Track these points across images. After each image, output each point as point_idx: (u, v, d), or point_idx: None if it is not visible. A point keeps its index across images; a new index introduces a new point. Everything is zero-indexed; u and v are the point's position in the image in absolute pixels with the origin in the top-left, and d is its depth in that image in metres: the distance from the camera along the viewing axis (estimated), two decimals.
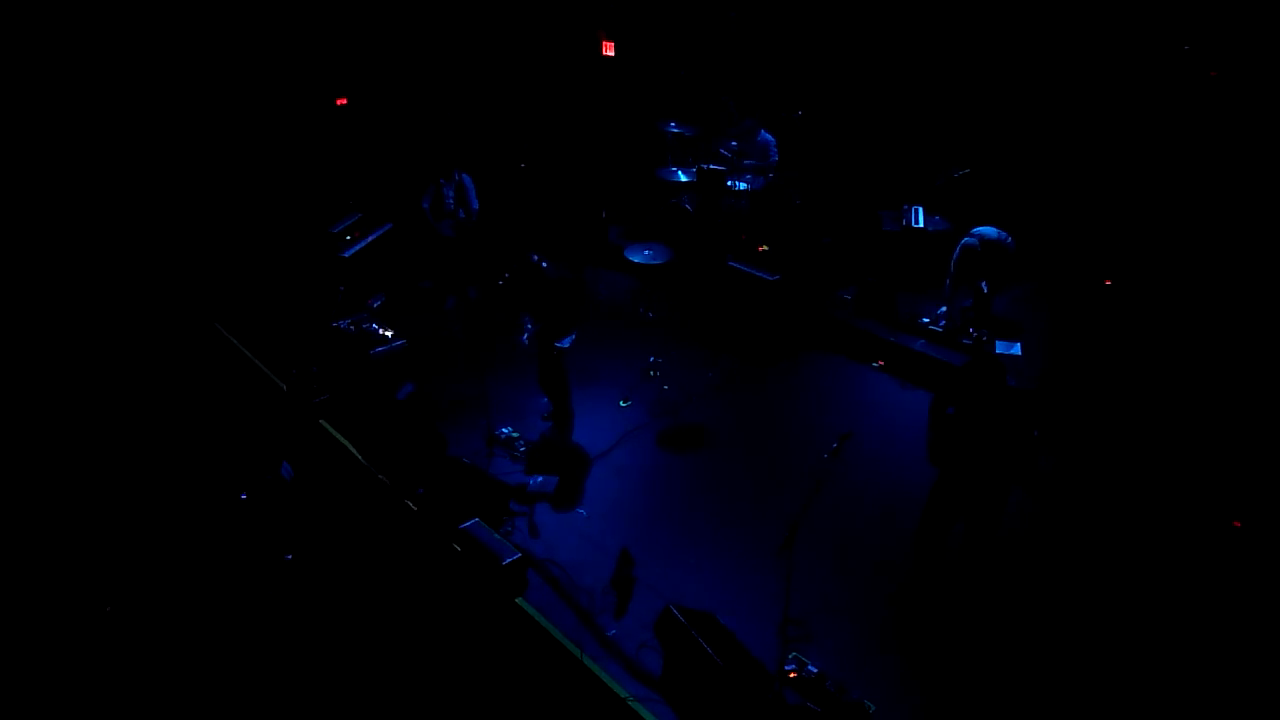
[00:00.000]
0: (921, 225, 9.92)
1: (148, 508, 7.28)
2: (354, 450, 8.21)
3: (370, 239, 10.63)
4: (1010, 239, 8.63)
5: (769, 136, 11.23)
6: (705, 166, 10.69)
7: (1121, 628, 6.30)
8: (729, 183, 10.96)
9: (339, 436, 8.38)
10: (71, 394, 8.80)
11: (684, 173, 11.58)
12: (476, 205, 10.34)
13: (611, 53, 13.41)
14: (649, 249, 9.27)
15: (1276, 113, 9.00)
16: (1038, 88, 10.20)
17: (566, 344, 8.03)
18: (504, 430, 8.43)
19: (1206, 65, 9.45)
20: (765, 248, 10.78)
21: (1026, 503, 7.46)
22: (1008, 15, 10.39)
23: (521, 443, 8.34)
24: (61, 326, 9.91)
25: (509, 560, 6.72)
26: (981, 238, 8.69)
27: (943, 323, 9.35)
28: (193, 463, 7.78)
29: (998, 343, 9.18)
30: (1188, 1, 9.39)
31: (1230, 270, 9.10)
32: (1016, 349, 9.12)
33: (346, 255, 10.51)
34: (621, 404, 8.91)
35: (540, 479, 7.94)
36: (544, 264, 7.92)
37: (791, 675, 5.93)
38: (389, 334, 10.02)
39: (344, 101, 12.52)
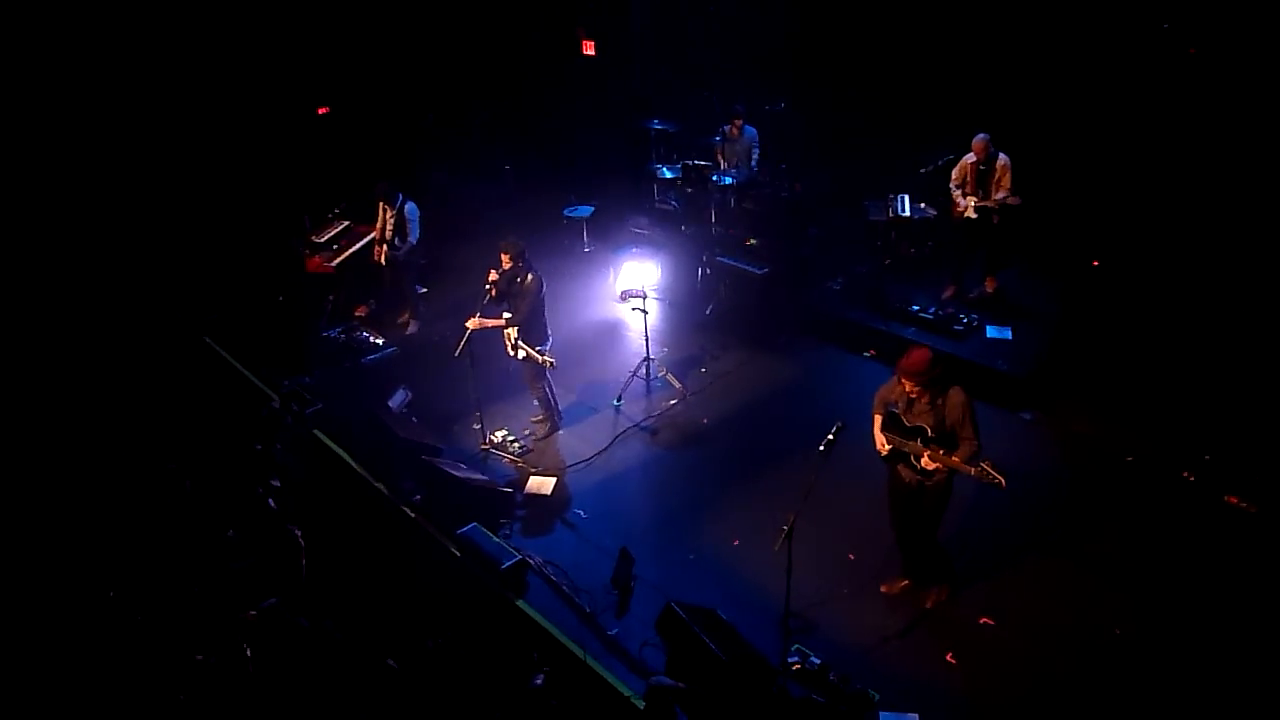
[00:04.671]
0: (907, 214, 9.95)
1: (140, 524, 7.24)
2: (349, 459, 8.19)
3: (358, 247, 10.61)
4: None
5: (752, 130, 11.24)
6: (690, 162, 10.69)
7: (1119, 609, 6.32)
8: (714, 178, 10.97)
9: (333, 446, 8.35)
10: (62, 410, 8.75)
11: (669, 169, 11.58)
12: (414, 238, 9.96)
13: (592, 51, 13.39)
14: (636, 247, 9.29)
15: (1256, 89, 9.03)
16: (1019, 71, 10.21)
17: (546, 347, 8.02)
18: (499, 433, 8.42)
19: (1185, 43, 9.47)
20: (753, 241, 10.79)
21: (1021, 487, 7.48)
22: (986, 1, 10.41)
23: (517, 445, 8.33)
24: (50, 342, 9.85)
25: (508, 564, 6.71)
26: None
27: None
28: (184, 476, 7.74)
29: (988, 327, 9.22)
30: None
31: (1217, 248, 9.12)
32: (1007, 333, 9.15)
33: (334, 264, 10.49)
34: (615, 403, 8.90)
35: (536, 480, 7.93)
36: (533, 270, 7.90)
37: (795, 667, 5.93)
38: (380, 341, 10.03)
39: (325, 110, 12.48)
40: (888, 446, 6.03)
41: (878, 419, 6.10)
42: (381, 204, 9.97)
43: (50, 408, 8.79)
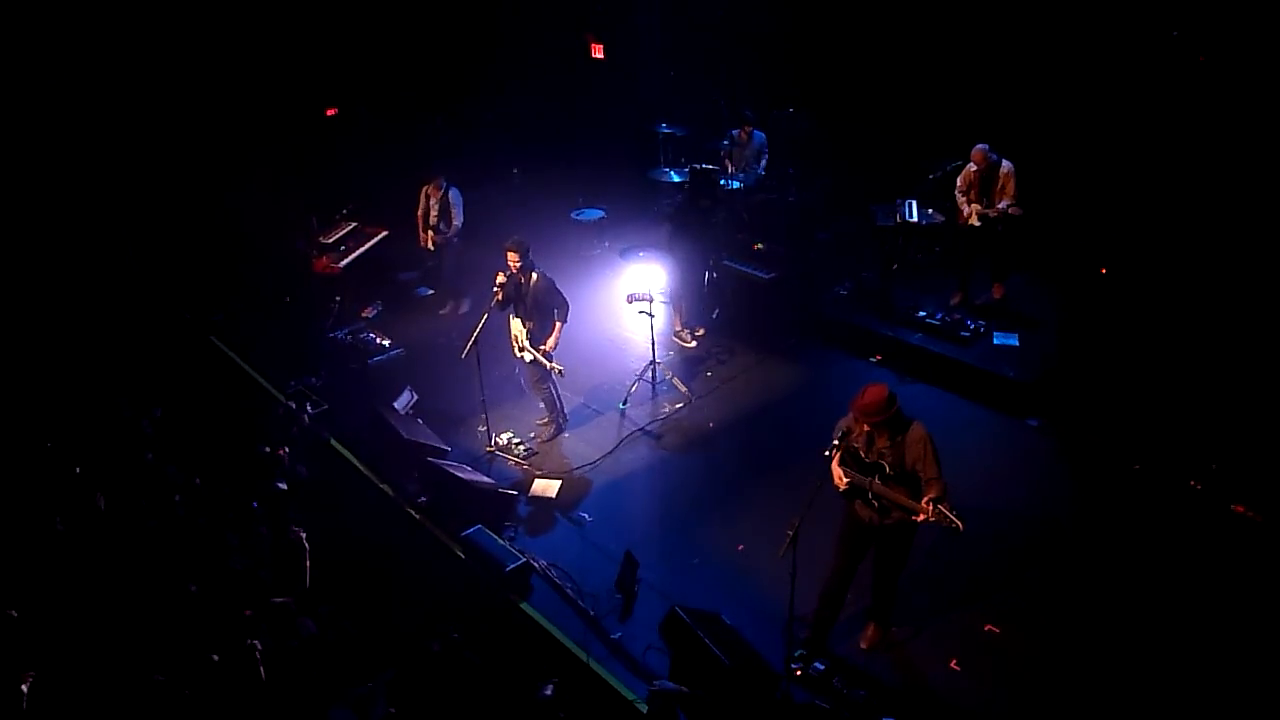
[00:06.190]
0: (915, 219, 9.92)
1: (142, 524, 7.24)
2: (354, 460, 8.21)
3: (365, 248, 10.64)
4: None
5: (761, 134, 11.24)
6: (698, 166, 10.68)
7: (1124, 617, 6.29)
8: (722, 182, 10.96)
9: (339, 447, 8.37)
10: (64, 410, 8.75)
11: (676, 173, 11.58)
12: (459, 221, 10.24)
13: (601, 55, 13.42)
14: (643, 250, 9.29)
15: (1266, 96, 9.00)
16: (1028, 77, 10.19)
17: (551, 354, 8.03)
18: (504, 436, 8.42)
19: (1195, 50, 9.45)
20: (760, 246, 10.79)
21: (1026, 494, 7.48)
22: (996, 6, 10.39)
23: (522, 448, 8.33)
24: (54, 342, 9.87)
25: (512, 566, 6.72)
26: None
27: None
28: (193, 479, 7.75)
29: (995, 333, 9.20)
30: None
31: (1226, 256, 9.09)
32: (1014, 339, 9.13)
33: (341, 265, 10.52)
34: (620, 406, 8.90)
35: (541, 483, 7.93)
36: (535, 268, 7.92)
37: (799, 673, 5.92)
38: (386, 343, 10.05)
39: (334, 111, 12.52)
40: (846, 480, 5.67)
41: (836, 453, 5.69)
42: (426, 190, 10.21)
43: (52, 407, 8.79)
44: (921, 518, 5.34)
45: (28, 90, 10.74)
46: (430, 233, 10.31)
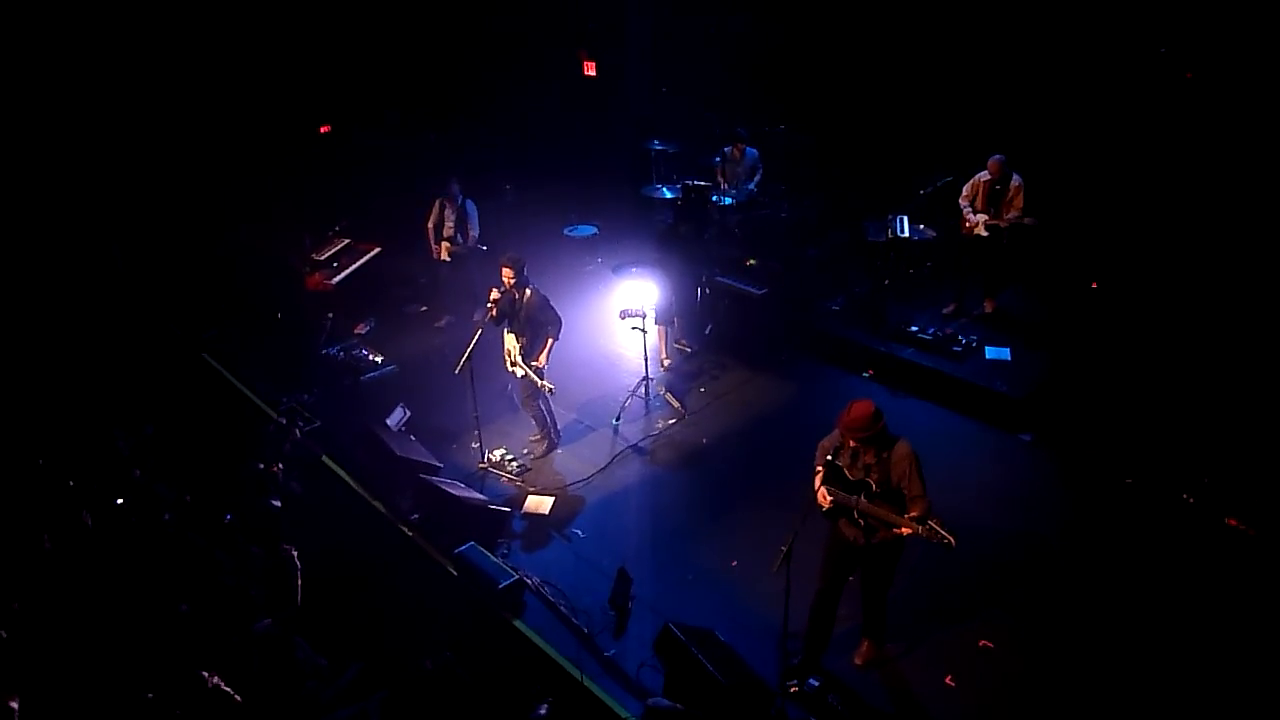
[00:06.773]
0: (906, 234, 9.97)
1: (132, 540, 7.21)
2: (347, 478, 8.17)
3: (358, 265, 10.64)
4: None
5: (753, 151, 11.30)
6: (690, 182, 10.73)
7: (1118, 631, 6.29)
8: (714, 198, 11.00)
9: (332, 464, 8.34)
10: (57, 425, 8.72)
11: (669, 189, 11.62)
12: (476, 232, 10.33)
13: (593, 72, 13.48)
14: (636, 266, 9.31)
15: (1253, 111, 9.09)
16: (1018, 93, 10.27)
17: (543, 370, 8.03)
18: (497, 452, 8.40)
19: (1182, 66, 9.54)
20: (752, 261, 10.82)
21: (1019, 509, 7.48)
22: (986, 23, 10.48)
23: (515, 464, 8.31)
24: (47, 356, 9.83)
25: (505, 583, 6.69)
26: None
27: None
28: (185, 496, 7.72)
29: (987, 348, 9.23)
30: (1163, 4, 9.52)
31: (1217, 270, 9.15)
32: (1006, 354, 9.16)
33: (334, 282, 10.51)
34: (613, 422, 8.89)
35: (534, 499, 7.91)
36: (529, 284, 7.93)
37: (793, 690, 5.90)
38: (379, 359, 10.04)
39: (327, 129, 12.55)
40: (830, 500, 5.58)
41: (820, 472, 5.64)
42: (440, 202, 10.30)
43: (42, 424, 8.76)
44: (908, 531, 5.33)
45: (18, 99, 10.72)
46: (445, 244, 10.33)
